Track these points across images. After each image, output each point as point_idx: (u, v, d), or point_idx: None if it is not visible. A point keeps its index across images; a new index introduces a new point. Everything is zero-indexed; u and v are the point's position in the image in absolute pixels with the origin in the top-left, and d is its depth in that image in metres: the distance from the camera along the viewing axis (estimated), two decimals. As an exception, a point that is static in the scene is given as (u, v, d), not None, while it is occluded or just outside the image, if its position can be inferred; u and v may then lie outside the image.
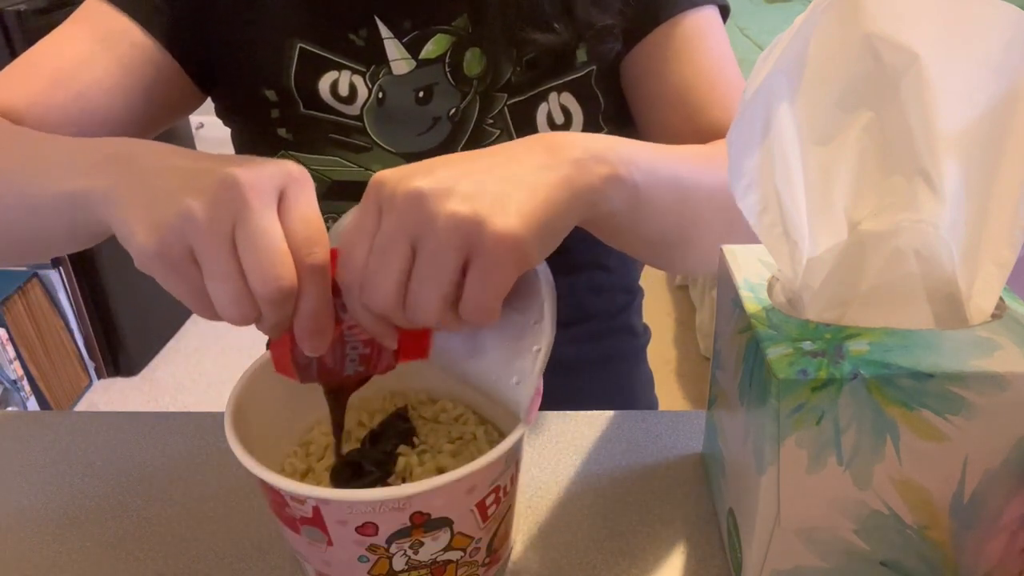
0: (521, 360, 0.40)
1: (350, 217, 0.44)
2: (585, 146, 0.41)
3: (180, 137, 2.21)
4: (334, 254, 0.38)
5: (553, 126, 0.62)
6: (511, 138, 0.62)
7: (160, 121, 0.63)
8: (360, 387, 0.45)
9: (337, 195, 0.63)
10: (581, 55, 0.61)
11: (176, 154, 0.40)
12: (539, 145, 0.41)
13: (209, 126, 2.76)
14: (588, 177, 0.40)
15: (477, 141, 0.62)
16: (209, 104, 0.69)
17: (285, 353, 0.41)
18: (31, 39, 1.71)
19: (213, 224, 0.35)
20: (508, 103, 0.62)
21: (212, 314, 0.37)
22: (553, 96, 0.62)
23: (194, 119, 2.69)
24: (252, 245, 0.35)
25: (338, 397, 0.45)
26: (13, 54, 1.69)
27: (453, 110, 0.62)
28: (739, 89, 0.59)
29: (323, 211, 0.64)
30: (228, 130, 0.69)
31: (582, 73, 0.62)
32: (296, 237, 0.36)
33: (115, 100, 0.58)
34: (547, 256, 0.39)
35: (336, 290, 0.39)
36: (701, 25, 0.61)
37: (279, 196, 0.37)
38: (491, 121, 0.62)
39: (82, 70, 0.57)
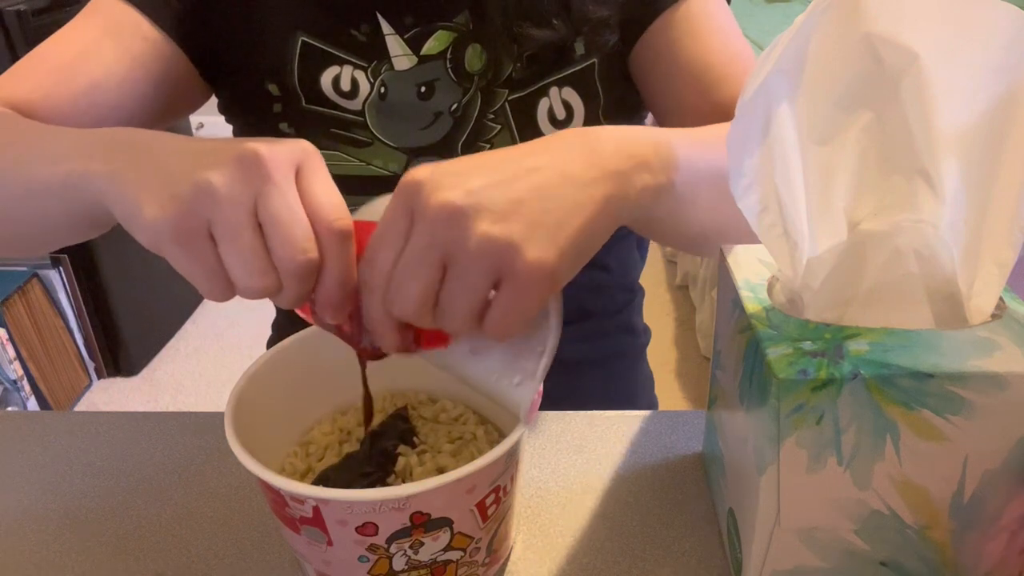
0: (524, 361, 0.40)
1: (377, 204, 0.43)
2: (628, 151, 0.40)
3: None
4: (356, 227, 0.38)
5: (554, 121, 0.62)
6: (511, 133, 0.62)
7: (167, 115, 0.64)
8: (379, 359, 0.44)
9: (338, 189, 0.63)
10: (579, 48, 0.62)
11: (184, 140, 0.40)
12: (580, 145, 0.39)
13: (209, 126, 2.77)
14: (629, 190, 0.39)
15: (478, 136, 0.63)
16: (209, 104, 0.69)
17: (307, 313, 0.41)
18: (31, 39, 1.72)
19: (235, 197, 0.35)
20: (509, 98, 0.62)
21: (223, 293, 0.36)
22: (554, 91, 0.62)
23: (194, 119, 2.69)
24: (277, 219, 0.35)
25: (362, 363, 0.44)
26: (13, 54, 1.69)
27: (454, 105, 0.62)
28: (749, 61, 0.60)
29: None
30: (229, 128, 0.69)
31: (583, 66, 0.62)
32: (319, 209, 0.36)
33: (125, 93, 0.59)
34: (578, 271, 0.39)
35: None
36: (707, 4, 0.61)
37: (296, 168, 0.37)
38: (492, 116, 0.62)
39: (93, 63, 0.57)
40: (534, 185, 0.36)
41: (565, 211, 0.36)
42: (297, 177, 0.37)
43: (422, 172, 0.36)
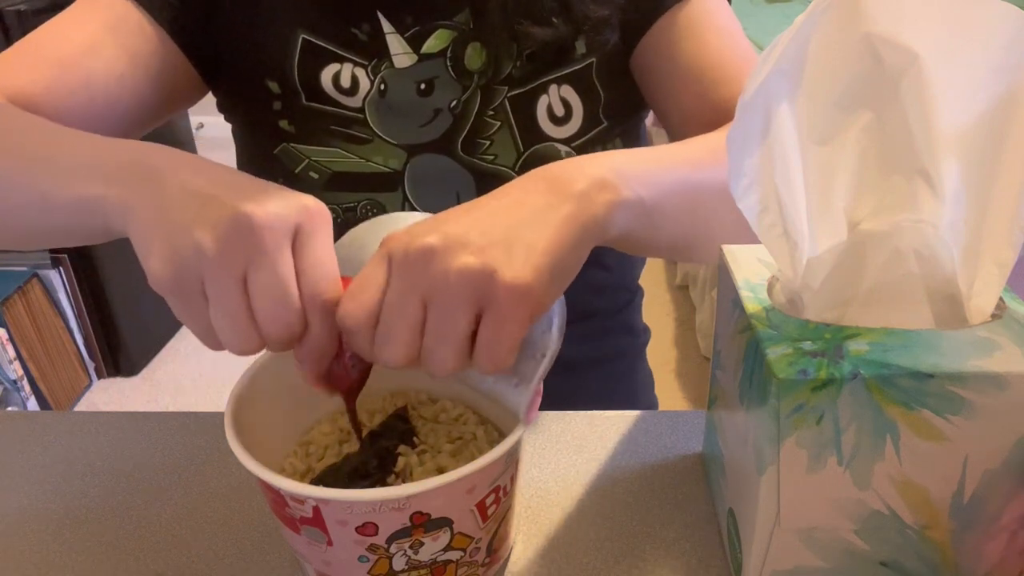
0: (523, 364, 0.40)
1: (347, 239, 0.44)
2: (586, 173, 0.41)
3: (180, 137, 2.21)
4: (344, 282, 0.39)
5: (553, 118, 0.62)
6: (511, 130, 0.62)
7: (163, 111, 0.64)
8: (365, 381, 0.44)
9: (338, 186, 0.63)
10: (580, 47, 0.62)
11: (192, 169, 0.39)
12: (541, 182, 0.41)
13: (209, 126, 2.77)
14: (593, 208, 0.40)
15: (478, 133, 0.63)
16: (210, 104, 0.69)
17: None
18: (31, 39, 1.72)
19: (225, 265, 0.35)
20: (508, 95, 0.62)
21: (216, 346, 0.38)
22: (553, 88, 0.62)
23: (194, 119, 2.68)
24: (264, 291, 0.36)
25: (349, 397, 0.45)
26: (13, 54, 1.69)
27: (454, 102, 0.62)
28: (750, 62, 0.60)
29: (324, 202, 0.65)
30: (228, 128, 0.69)
31: (582, 65, 0.62)
32: (308, 279, 0.37)
33: (123, 88, 0.58)
34: (561, 293, 0.40)
35: None
36: (707, 4, 0.61)
37: (294, 232, 0.37)
38: (491, 113, 0.62)
39: (91, 56, 0.57)
40: (502, 219, 0.38)
41: (534, 234, 0.38)
42: (294, 239, 0.37)
43: (399, 232, 0.38)
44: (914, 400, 0.34)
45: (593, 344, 0.74)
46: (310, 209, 0.37)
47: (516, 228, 0.38)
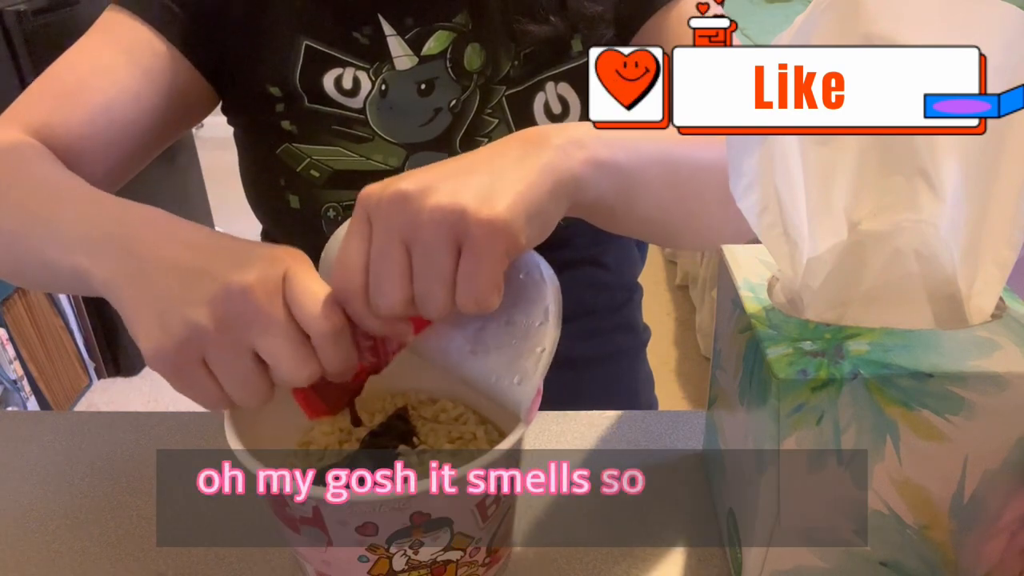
0: (524, 360, 0.40)
1: (332, 241, 0.44)
2: (564, 134, 0.42)
3: (181, 138, 2.20)
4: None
5: (551, 116, 0.63)
6: (510, 128, 0.63)
7: (179, 127, 0.65)
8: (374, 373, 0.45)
9: (338, 184, 0.64)
10: (576, 45, 0.63)
11: (172, 239, 0.40)
12: (518, 140, 0.42)
13: (209, 126, 2.76)
14: (569, 162, 0.41)
15: (476, 131, 0.63)
16: (210, 104, 0.69)
17: (311, 397, 0.42)
18: (31, 39, 1.71)
19: (231, 337, 0.36)
20: (506, 94, 0.63)
21: (218, 409, 0.39)
22: (550, 86, 0.63)
23: (194, 119, 2.67)
24: (279, 351, 0.36)
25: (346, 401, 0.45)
26: (13, 54, 1.68)
27: (453, 102, 0.63)
28: None
29: (325, 200, 0.66)
30: (229, 129, 0.69)
31: (579, 63, 0.63)
32: (307, 316, 0.37)
33: (140, 108, 0.59)
34: (538, 243, 0.40)
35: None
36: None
37: (282, 283, 0.37)
38: (490, 111, 0.63)
39: (106, 81, 0.58)
40: (476, 168, 0.39)
41: (509, 178, 0.38)
42: (284, 283, 0.37)
43: (374, 184, 0.38)
44: (914, 400, 0.34)
45: (593, 342, 0.74)
46: (285, 259, 0.38)
47: (490, 174, 0.38)
